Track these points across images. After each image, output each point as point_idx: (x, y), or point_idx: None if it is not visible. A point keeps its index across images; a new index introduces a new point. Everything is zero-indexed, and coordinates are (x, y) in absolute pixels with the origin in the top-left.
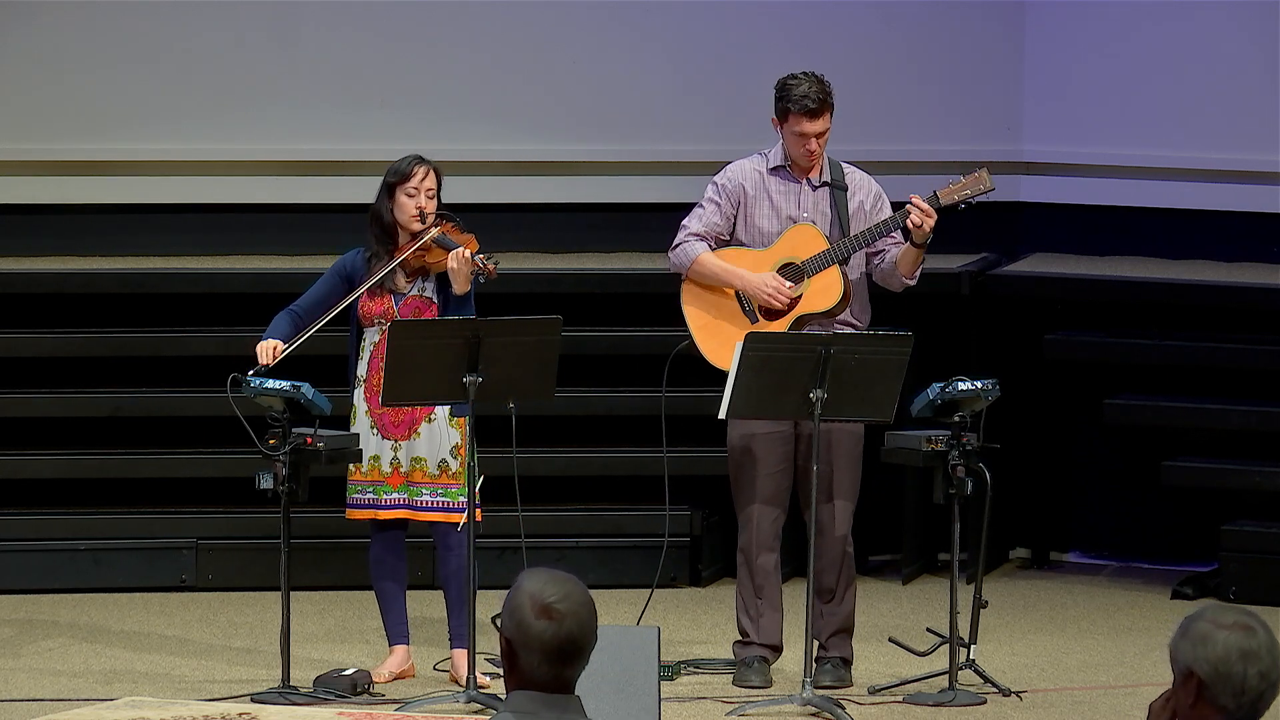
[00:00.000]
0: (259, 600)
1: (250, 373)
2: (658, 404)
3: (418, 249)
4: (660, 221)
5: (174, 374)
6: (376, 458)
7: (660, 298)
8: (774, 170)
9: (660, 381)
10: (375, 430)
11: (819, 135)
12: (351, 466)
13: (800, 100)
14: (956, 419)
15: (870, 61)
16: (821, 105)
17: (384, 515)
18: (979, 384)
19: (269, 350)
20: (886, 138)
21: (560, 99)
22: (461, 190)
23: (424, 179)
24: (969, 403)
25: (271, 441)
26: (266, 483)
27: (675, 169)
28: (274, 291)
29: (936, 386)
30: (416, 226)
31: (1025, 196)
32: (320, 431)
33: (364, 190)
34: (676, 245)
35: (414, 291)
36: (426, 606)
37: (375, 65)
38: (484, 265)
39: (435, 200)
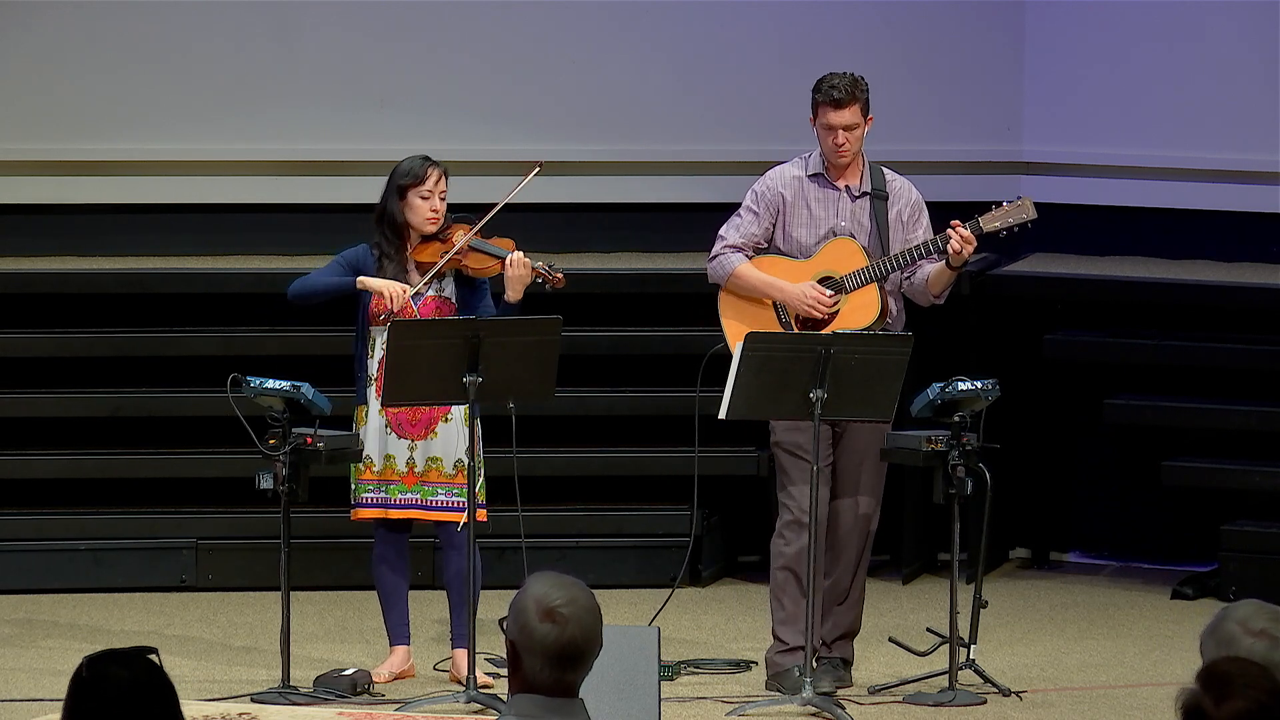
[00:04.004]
0: (259, 600)
1: (380, 317)
2: (658, 404)
3: (454, 254)
4: (660, 221)
5: (174, 374)
6: (391, 457)
7: (660, 298)
8: (813, 177)
9: (659, 382)
10: (390, 429)
11: (846, 128)
12: (360, 466)
13: (827, 91)
14: (956, 419)
15: (870, 62)
16: (849, 97)
17: (395, 515)
18: (979, 384)
19: (400, 292)
20: (886, 138)
21: (560, 99)
22: (462, 190)
23: (437, 181)
24: (969, 403)
25: (271, 441)
26: (266, 483)
27: (675, 169)
28: (274, 292)
29: (936, 386)
30: (431, 229)
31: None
32: (320, 431)
33: (364, 190)
34: (714, 257)
35: (431, 292)
36: (426, 606)
37: (375, 65)
38: (550, 274)
39: (444, 201)
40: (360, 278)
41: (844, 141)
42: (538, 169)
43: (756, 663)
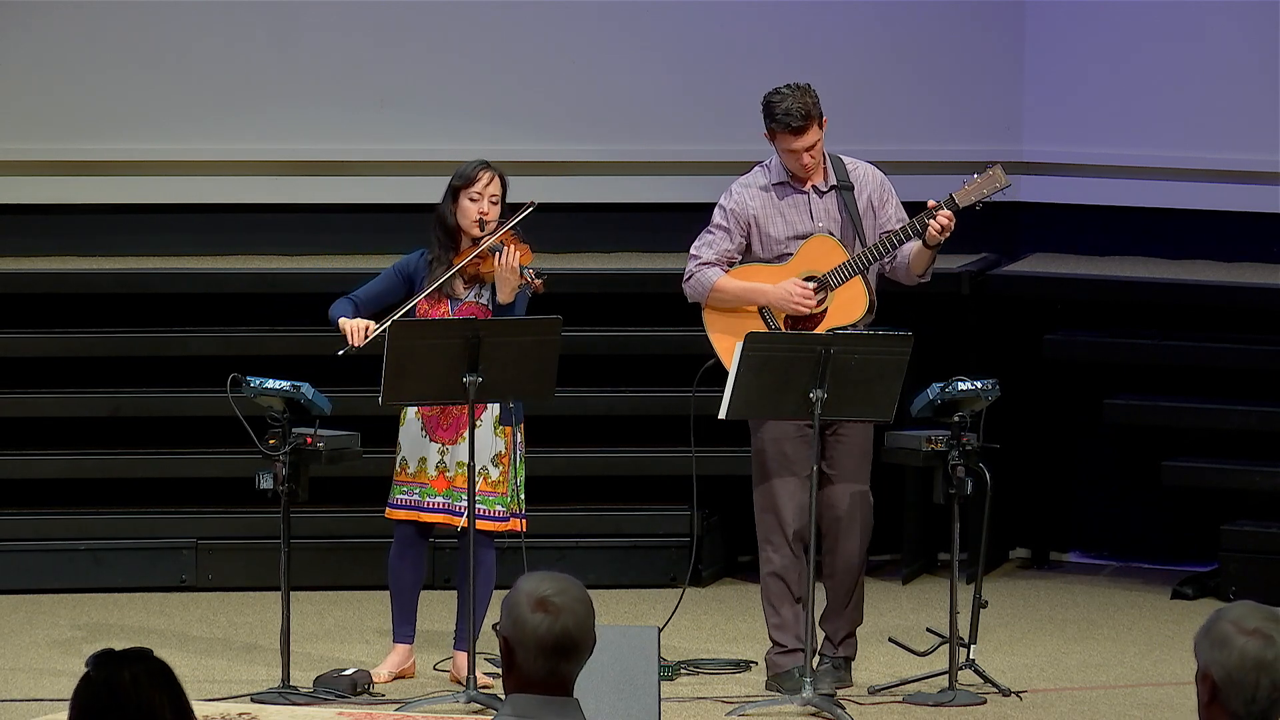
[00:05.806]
0: (259, 600)
1: (340, 352)
2: (657, 404)
3: (474, 257)
4: (660, 221)
5: (174, 374)
6: (424, 460)
7: (660, 298)
8: (778, 185)
9: (659, 382)
10: (425, 433)
11: (809, 149)
12: (398, 466)
13: (784, 119)
14: (956, 419)
15: (870, 62)
16: (806, 120)
17: (425, 519)
18: (979, 384)
19: (360, 330)
20: (887, 138)
21: (560, 99)
22: None
23: (488, 184)
24: (969, 403)
25: (271, 441)
26: (266, 483)
27: (675, 169)
28: (274, 292)
29: (936, 386)
30: (477, 232)
31: (1025, 196)
32: (320, 431)
33: (364, 190)
34: (689, 276)
35: (471, 298)
36: (425, 607)
37: (375, 65)
38: (530, 280)
39: (499, 206)
40: (340, 318)
41: (809, 161)
42: (531, 206)
43: (756, 663)
